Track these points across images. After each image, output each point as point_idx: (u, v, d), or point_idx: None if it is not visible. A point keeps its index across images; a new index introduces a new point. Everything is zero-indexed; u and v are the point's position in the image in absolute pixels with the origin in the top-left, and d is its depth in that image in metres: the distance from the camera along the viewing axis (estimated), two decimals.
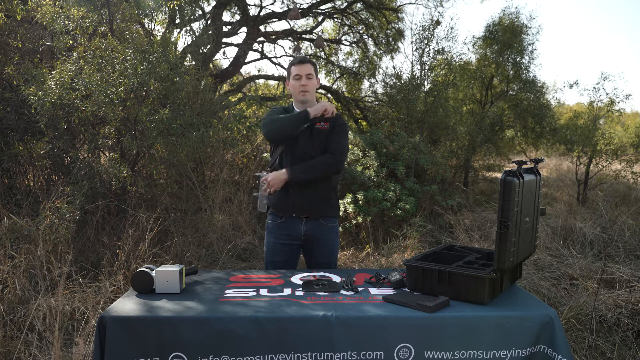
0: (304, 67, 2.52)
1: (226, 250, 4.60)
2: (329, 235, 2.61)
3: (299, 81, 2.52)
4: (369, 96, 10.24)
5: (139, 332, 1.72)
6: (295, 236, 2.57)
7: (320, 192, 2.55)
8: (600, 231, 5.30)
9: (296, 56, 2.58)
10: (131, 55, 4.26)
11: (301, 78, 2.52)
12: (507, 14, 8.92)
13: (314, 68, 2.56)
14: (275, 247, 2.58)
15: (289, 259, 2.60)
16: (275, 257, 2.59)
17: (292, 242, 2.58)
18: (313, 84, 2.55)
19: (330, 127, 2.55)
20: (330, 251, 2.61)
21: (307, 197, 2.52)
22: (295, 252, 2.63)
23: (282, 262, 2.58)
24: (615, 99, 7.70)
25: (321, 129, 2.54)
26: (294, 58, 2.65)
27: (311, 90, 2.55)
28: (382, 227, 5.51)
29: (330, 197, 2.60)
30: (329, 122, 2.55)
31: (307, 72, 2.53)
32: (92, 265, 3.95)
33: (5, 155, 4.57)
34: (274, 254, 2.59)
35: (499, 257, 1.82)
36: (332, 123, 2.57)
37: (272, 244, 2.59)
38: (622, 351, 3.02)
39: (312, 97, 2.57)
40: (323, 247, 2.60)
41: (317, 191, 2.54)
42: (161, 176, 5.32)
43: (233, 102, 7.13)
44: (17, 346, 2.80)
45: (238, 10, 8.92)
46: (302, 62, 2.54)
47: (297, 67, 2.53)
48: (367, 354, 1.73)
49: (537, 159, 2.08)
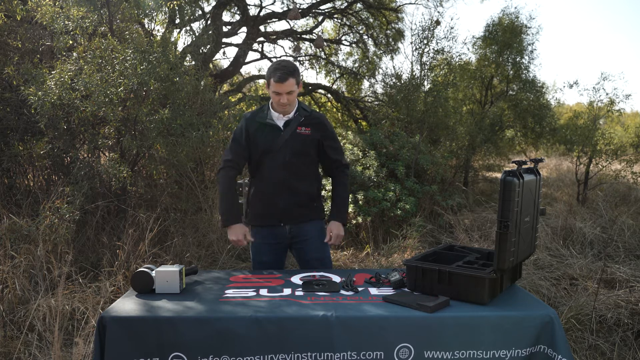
0: (285, 86, 2.35)
1: (226, 250, 4.59)
2: (315, 232, 2.56)
3: (278, 96, 2.39)
4: (368, 96, 10.24)
5: (139, 332, 1.72)
6: (281, 236, 2.54)
7: (303, 198, 2.51)
8: (600, 231, 5.29)
9: (276, 66, 2.40)
10: (131, 55, 4.26)
11: (281, 95, 2.38)
12: (506, 14, 8.94)
13: (295, 80, 2.38)
14: (262, 248, 2.54)
15: (277, 258, 2.57)
16: (262, 258, 2.55)
17: (278, 241, 2.55)
18: (293, 98, 2.42)
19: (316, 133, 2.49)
20: (321, 245, 2.55)
21: (290, 206, 2.49)
22: (282, 251, 2.60)
23: (269, 262, 2.54)
24: (615, 99, 7.71)
25: (302, 134, 2.47)
26: (274, 67, 2.39)
27: (291, 104, 2.44)
28: (382, 227, 5.50)
29: (314, 201, 2.56)
30: (310, 127, 2.48)
31: (288, 89, 2.37)
32: (92, 266, 3.95)
33: (5, 155, 4.57)
34: (261, 254, 2.55)
35: (499, 257, 1.82)
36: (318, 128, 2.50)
37: (258, 244, 2.54)
38: (622, 351, 3.02)
39: (292, 108, 2.49)
40: (311, 243, 2.54)
41: (301, 198, 2.50)
42: (161, 176, 5.32)
43: (233, 102, 7.13)
44: (17, 346, 2.79)
45: (238, 10, 8.92)
46: (282, 80, 2.34)
47: (277, 85, 2.36)
48: (367, 354, 1.73)
49: (537, 159, 2.08)
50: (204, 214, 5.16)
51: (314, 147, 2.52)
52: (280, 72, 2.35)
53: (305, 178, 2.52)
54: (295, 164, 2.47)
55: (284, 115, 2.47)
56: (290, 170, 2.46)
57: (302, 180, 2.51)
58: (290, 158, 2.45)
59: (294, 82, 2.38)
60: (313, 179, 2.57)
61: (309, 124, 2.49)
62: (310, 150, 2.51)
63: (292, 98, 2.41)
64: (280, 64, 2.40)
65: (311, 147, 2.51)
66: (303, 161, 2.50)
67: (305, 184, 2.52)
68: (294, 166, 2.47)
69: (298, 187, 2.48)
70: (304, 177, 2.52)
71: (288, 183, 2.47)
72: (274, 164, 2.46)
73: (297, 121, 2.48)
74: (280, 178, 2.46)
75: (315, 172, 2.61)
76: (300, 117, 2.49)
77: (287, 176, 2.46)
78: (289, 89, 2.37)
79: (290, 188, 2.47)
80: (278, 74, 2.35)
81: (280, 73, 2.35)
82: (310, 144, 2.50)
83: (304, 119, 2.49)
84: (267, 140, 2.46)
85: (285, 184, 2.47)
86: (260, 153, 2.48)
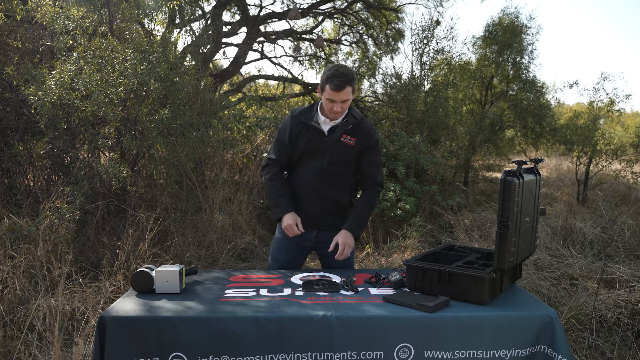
0: (341, 94, 2.20)
1: (226, 250, 4.59)
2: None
3: (332, 104, 2.26)
4: (369, 96, 10.24)
5: (139, 332, 1.72)
6: (307, 239, 2.48)
7: (334, 207, 2.42)
8: (600, 231, 5.30)
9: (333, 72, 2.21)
10: (131, 55, 4.26)
11: (335, 103, 2.25)
12: (506, 14, 8.95)
13: (352, 88, 2.24)
14: (284, 244, 2.47)
15: (297, 257, 2.51)
16: (281, 255, 2.49)
17: (303, 243, 2.48)
18: (347, 106, 2.29)
19: (360, 143, 2.36)
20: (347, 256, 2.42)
21: (319, 213, 2.41)
22: (305, 252, 2.54)
23: (287, 260, 2.49)
24: (615, 99, 7.72)
25: (346, 143, 2.35)
26: (331, 73, 2.22)
27: (344, 111, 2.33)
28: (382, 227, 5.50)
29: (345, 210, 2.46)
30: (355, 137, 2.35)
31: (344, 98, 2.23)
32: (92, 265, 3.95)
33: (5, 155, 4.57)
34: (280, 251, 2.49)
35: (499, 257, 1.82)
36: (364, 139, 2.37)
37: (281, 240, 2.47)
38: (622, 351, 3.02)
39: (342, 114, 2.37)
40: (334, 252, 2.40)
41: (331, 207, 2.42)
42: (161, 176, 5.32)
43: (233, 102, 7.13)
44: (17, 346, 2.79)
45: (238, 10, 8.92)
46: (340, 88, 2.19)
47: (333, 93, 2.20)
48: (367, 354, 1.73)
49: (537, 159, 2.08)
50: (204, 214, 5.17)
51: (354, 158, 2.41)
52: (338, 79, 2.20)
53: (340, 187, 2.44)
54: (332, 172, 2.38)
55: (331, 120, 2.36)
56: (325, 177, 2.38)
57: (336, 189, 2.43)
58: (328, 165, 2.36)
59: (350, 91, 2.24)
60: (348, 188, 2.48)
61: (355, 133, 2.37)
62: (350, 160, 2.40)
63: (345, 106, 2.29)
64: (338, 70, 2.23)
65: (352, 157, 2.40)
66: (341, 170, 2.41)
67: (339, 192, 2.44)
68: (330, 174, 2.38)
69: (331, 195, 2.41)
70: (339, 185, 2.44)
71: (321, 190, 2.40)
72: (310, 169, 2.39)
73: (343, 129, 2.36)
74: (313, 183, 2.39)
75: (352, 182, 2.50)
76: (348, 124, 2.36)
77: (321, 183, 2.39)
78: (344, 97, 2.23)
79: (323, 195, 2.40)
80: (336, 82, 2.20)
81: (338, 80, 2.20)
82: (353, 154, 2.39)
83: (352, 127, 2.37)
84: (308, 144, 2.37)
85: (317, 191, 2.40)
86: (299, 154, 2.40)
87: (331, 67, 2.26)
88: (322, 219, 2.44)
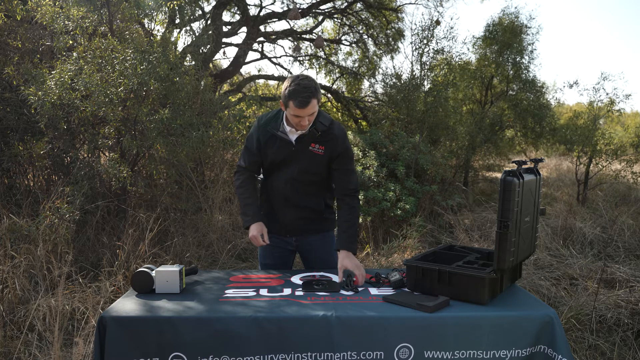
0: (307, 109, 2.09)
1: (226, 250, 4.60)
2: (319, 243, 2.47)
3: (298, 119, 2.14)
4: (368, 96, 10.25)
5: (139, 332, 1.72)
6: (287, 243, 2.48)
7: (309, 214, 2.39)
8: (600, 231, 5.30)
9: (295, 87, 2.08)
10: (131, 55, 4.26)
11: (302, 118, 2.13)
12: (506, 14, 8.95)
13: (317, 100, 2.12)
14: (267, 250, 2.47)
15: (283, 261, 2.51)
16: (267, 260, 2.51)
17: (285, 247, 2.49)
18: (314, 116, 2.19)
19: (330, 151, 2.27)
20: (329, 250, 2.45)
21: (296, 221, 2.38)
22: (289, 255, 2.54)
23: (275, 264, 2.50)
24: (615, 99, 7.72)
25: (315, 152, 2.26)
26: (293, 89, 2.08)
27: (310, 124, 2.22)
28: (382, 227, 5.50)
29: (322, 214, 2.43)
30: (324, 145, 2.26)
31: (310, 112, 2.11)
32: (92, 265, 3.95)
33: (5, 155, 4.57)
34: (266, 257, 2.51)
35: (499, 257, 1.82)
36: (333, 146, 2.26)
37: (265, 247, 2.44)
38: (622, 351, 3.02)
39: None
40: (317, 249, 2.45)
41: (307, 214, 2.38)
42: (161, 176, 5.32)
43: (233, 102, 7.13)
44: (17, 346, 2.79)
45: (238, 10, 8.92)
46: (304, 104, 2.07)
47: (298, 110, 2.09)
48: (367, 354, 1.73)
49: (537, 159, 2.08)
50: (204, 214, 5.17)
51: (325, 166, 2.32)
52: (302, 95, 2.06)
53: (313, 194, 2.39)
54: (305, 181, 2.33)
55: (297, 130, 2.25)
56: (297, 186, 2.33)
57: (310, 196, 2.38)
58: (298, 175, 2.30)
59: (315, 103, 2.11)
60: (322, 193, 2.43)
61: (323, 141, 2.26)
62: (322, 168, 2.32)
63: (312, 118, 2.17)
64: (300, 84, 2.09)
65: (323, 165, 2.31)
66: (312, 179, 2.34)
67: (313, 200, 2.39)
68: (302, 183, 2.33)
69: (306, 204, 2.37)
70: (312, 193, 2.38)
71: (295, 199, 2.35)
72: (282, 177, 2.34)
73: (311, 137, 2.25)
74: (287, 193, 2.35)
75: (325, 186, 2.42)
76: (316, 132, 2.24)
77: (294, 192, 2.34)
78: (311, 111, 2.11)
79: (297, 204, 2.36)
80: (299, 98, 2.06)
81: (301, 97, 2.06)
82: (323, 162, 2.30)
83: (320, 134, 2.25)
84: (277, 154, 2.30)
85: (292, 200, 2.36)
86: (269, 163, 2.35)
87: (292, 82, 2.11)
88: (299, 226, 2.42)
